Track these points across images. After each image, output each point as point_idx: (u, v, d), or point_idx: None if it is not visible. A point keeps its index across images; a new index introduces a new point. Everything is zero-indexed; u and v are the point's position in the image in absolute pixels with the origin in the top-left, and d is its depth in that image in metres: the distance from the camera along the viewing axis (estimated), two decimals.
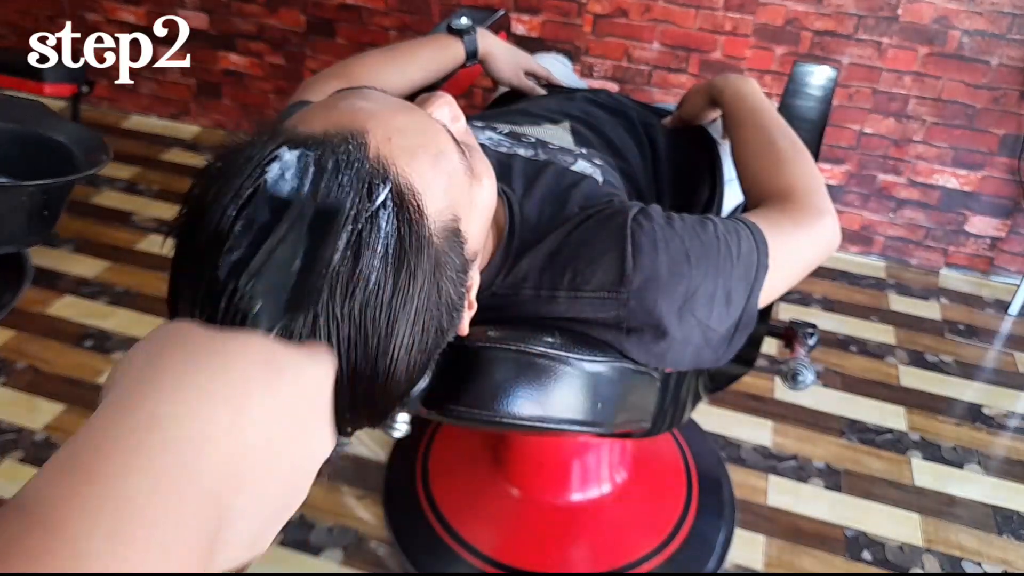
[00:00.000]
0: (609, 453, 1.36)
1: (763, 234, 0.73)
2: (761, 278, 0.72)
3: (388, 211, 0.46)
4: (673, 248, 0.68)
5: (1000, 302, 2.05)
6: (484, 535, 1.33)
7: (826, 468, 1.54)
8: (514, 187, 0.77)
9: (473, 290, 0.59)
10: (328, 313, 0.44)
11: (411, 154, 0.50)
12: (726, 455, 1.55)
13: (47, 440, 1.50)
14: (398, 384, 0.50)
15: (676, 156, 1.06)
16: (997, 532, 1.43)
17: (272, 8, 2.32)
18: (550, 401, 0.70)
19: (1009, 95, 1.90)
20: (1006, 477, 1.55)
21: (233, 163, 0.47)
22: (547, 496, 1.36)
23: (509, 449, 1.38)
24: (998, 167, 2.00)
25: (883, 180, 2.10)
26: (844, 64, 1.96)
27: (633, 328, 0.69)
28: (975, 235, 2.11)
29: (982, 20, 1.83)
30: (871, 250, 2.21)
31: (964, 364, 1.84)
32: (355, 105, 0.52)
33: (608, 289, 0.68)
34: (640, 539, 1.33)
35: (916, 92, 1.96)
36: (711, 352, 0.73)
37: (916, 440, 1.62)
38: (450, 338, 0.56)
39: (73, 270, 1.96)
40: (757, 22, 1.97)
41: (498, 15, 1.37)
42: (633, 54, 2.10)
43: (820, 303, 2.01)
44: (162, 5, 2.41)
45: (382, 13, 2.24)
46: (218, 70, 2.51)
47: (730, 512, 1.42)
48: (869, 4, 1.88)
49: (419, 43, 1.09)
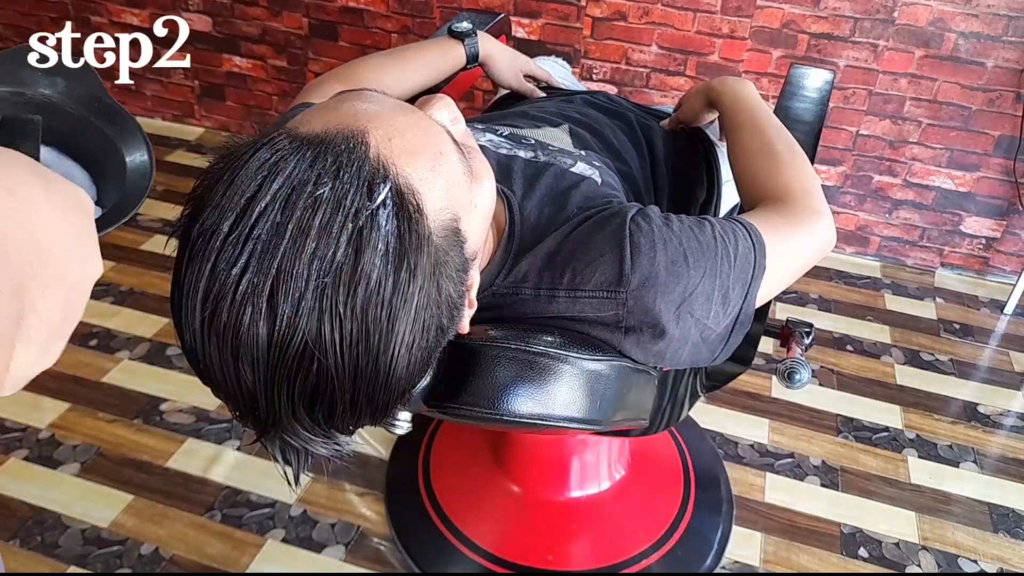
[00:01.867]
0: (608, 451, 1.37)
1: (760, 235, 0.74)
2: (758, 278, 0.73)
3: (388, 210, 0.47)
4: (671, 249, 0.69)
5: (995, 302, 2.06)
6: (484, 531, 1.34)
7: (823, 466, 1.55)
8: (514, 188, 0.78)
9: (473, 289, 0.60)
10: (331, 310, 0.45)
11: (411, 155, 0.51)
12: (723, 453, 1.56)
13: (52, 438, 1.52)
14: (399, 381, 0.51)
15: (674, 158, 1.07)
16: (992, 530, 1.45)
17: (275, 11, 2.34)
18: (549, 399, 0.71)
19: (1004, 97, 1.91)
20: (1001, 475, 1.56)
21: (236, 164, 0.48)
22: (546, 493, 1.38)
23: (509, 447, 1.39)
24: (993, 168, 2.01)
25: (879, 181, 2.11)
26: (840, 66, 1.98)
27: (631, 327, 0.70)
28: (971, 235, 2.12)
29: (978, 22, 1.84)
30: (867, 250, 2.22)
31: (960, 363, 1.85)
32: (356, 107, 0.53)
33: (607, 289, 0.69)
34: (638, 536, 1.34)
35: (912, 94, 1.97)
36: (708, 351, 0.74)
37: (912, 438, 1.63)
38: (451, 336, 0.57)
39: None
40: (754, 25, 1.99)
41: (498, 18, 1.38)
42: (631, 57, 2.12)
43: (816, 302, 2.03)
44: (165, 8, 2.43)
45: (384, 16, 2.25)
46: (222, 72, 2.52)
47: (727, 509, 1.43)
48: (865, 7, 1.89)
49: (421, 46, 1.10)
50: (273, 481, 1.45)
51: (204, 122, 2.66)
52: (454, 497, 1.40)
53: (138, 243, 2.09)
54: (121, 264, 2.00)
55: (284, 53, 2.41)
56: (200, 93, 2.60)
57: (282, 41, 2.39)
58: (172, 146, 2.56)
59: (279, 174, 0.46)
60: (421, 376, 0.55)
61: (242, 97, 2.55)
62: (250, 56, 2.45)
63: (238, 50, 2.45)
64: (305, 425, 0.50)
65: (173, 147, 2.56)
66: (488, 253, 0.72)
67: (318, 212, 0.45)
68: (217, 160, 0.50)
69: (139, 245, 2.08)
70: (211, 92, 2.58)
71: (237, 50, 2.46)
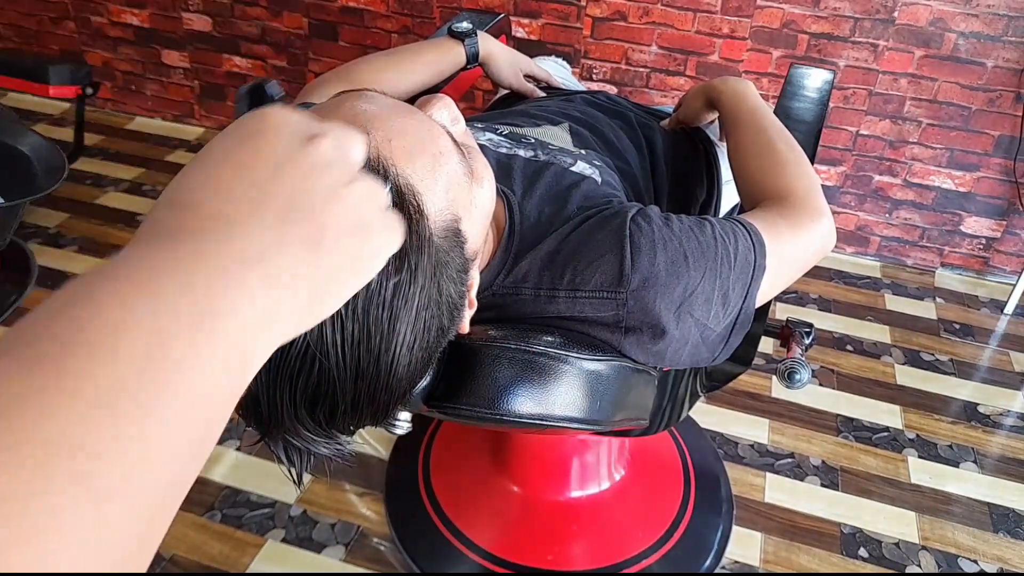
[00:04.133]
0: (608, 451, 1.37)
1: (760, 235, 0.74)
2: (758, 278, 0.73)
3: None
4: (671, 249, 0.69)
5: (995, 302, 2.06)
6: (484, 532, 1.34)
7: (822, 466, 1.55)
8: (514, 187, 0.78)
9: (473, 289, 0.60)
10: None
11: (411, 155, 0.51)
12: (723, 453, 1.56)
13: None
14: (400, 381, 0.51)
15: (674, 157, 1.07)
16: (993, 530, 1.45)
17: (275, 11, 2.34)
18: (550, 399, 0.71)
19: (1004, 96, 1.91)
20: (1001, 475, 1.56)
21: None
22: (546, 493, 1.38)
23: (509, 446, 1.39)
24: (993, 168, 2.01)
25: (879, 181, 2.11)
26: (840, 66, 1.98)
27: (631, 327, 0.70)
28: (970, 235, 2.12)
29: (978, 22, 1.84)
30: (867, 250, 2.22)
31: (960, 363, 1.85)
32: (356, 107, 0.53)
33: (607, 289, 0.69)
34: (638, 536, 1.34)
35: (912, 94, 1.97)
36: (708, 351, 0.74)
37: (912, 438, 1.63)
38: (451, 337, 0.57)
39: (78, 270, 1.97)
40: (754, 25, 1.99)
41: (498, 18, 1.38)
42: (631, 57, 2.12)
43: (816, 303, 2.03)
44: (165, 7, 2.43)
45: (384, 16, 2.25)
46: (222, 72, 2.52)
47: (727, 509, 1.43)
48: (865, 7, 1.89)
49: (421, 46, 1.10)
50: (273, 481, 1.45)
51: (204, 122, 2.67)
52: (454, 497, 1.40)
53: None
54: None
55: (284, 53, 2.41)
56: (200, 93, 2.60)
57: (282, 41, 2.39)
58: (172, 146, 2.56)
59: None
60: (422, 376, 0.55)
61: None
62: (250, 56, 2.45)
63: (238, 50, 2.45)
64: (307, 426, 0.50)
65: (173, 147, 2.56)
66: (488, 253, 0.72)
67: None
68: None
69: None
70: (211, 92, 2.58)
71: (237, 50, 2.46)
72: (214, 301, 0.27)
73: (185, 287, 0.26)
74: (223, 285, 0.27)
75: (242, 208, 0.30)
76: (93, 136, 2.56)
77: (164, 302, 0.26)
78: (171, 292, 0.26)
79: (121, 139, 2.58)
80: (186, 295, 0.26)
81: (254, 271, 0.28)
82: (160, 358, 0.25)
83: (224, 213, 0.29)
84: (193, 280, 0.27)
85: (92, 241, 2.08)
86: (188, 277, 0.27)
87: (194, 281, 0.27)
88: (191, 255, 0.28)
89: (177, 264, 0.27)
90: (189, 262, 0.27)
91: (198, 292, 0.27)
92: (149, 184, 2.35)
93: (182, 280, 0.27)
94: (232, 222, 0.29)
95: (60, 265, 1.98)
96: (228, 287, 0.27)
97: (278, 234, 0.30)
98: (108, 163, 2.45)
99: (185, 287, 0.26)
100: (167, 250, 0.28)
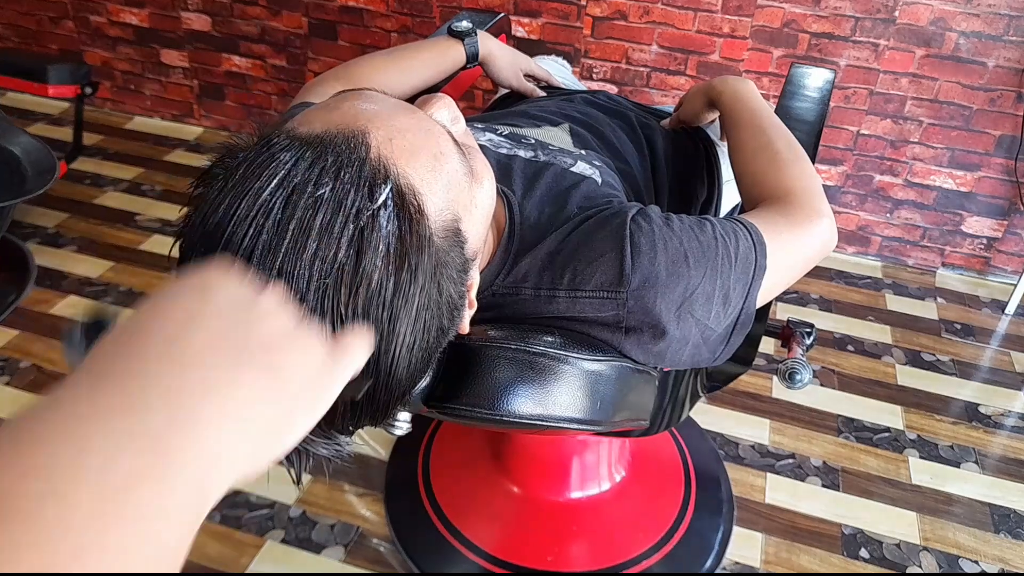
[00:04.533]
0: (608, 451, 1.37)
1: (761, 235, 0.74)
2: (759, 278, 0.73)
3: (389, 211, 0.47)
4: (671, 249, 0.69)
5: (996, 302, 2.06)
6: (484, 532, 1.34)
7: (823, 466, 1.55)
8: (514, 188, 0.78)
9: (473, 289, 0.60)
10: (332, 311, 0.45)
11: (411, 155, 0.51)
12: (724, 453, 1.56)
13: None
14: (399, 382, 0.51)
15: (674, 157, 1.07)
16: (994, 530, 1.44)
17: (274, 11, 2.34)
18: (550, 400, 0.70)
19: (1005, 96, 1.91)
20: (1002, 475, 1.56)
21: (235, 164, 0.48)
22: (547, 494, 1.37)
23: (509, 447, 1.39)
24: (994, 168, 2.01)
25: (880, 181, 2.11)
26: (841, 66, 1.97)
27: (631, 328, 0.69)
28: (972, 235, 2.12)
29: (979, 22, 1.84)
30: (868, 250, 2.22)
31: (961, 363, 1.85)
32: (356, 106, 0.53)
33: (607, 289, 0.68)
34: (639, 536, 1.34)
35: (913, 93, 1.97)
36: (709, 351, 0.74)
37: (913, 439, 1.63)
38: (451, 337, 0.56)
39: (77, 270, 1.97)
40: (755, 24, 1.98)
41: (498, 18, 1.38)
42: (632, 56, 2.11)
43: (817, 303, 2.02)
44: (165, 7, 2.43)
45: (383, 16, 2.25)
46: (221, 72, 2.52)
47: (728, 510, 1.43)
48: (866, 6, 1.89)
49: (420, 45, 1.10)
50: (273, 482, 1.44)
51: (203, 122, 2.66)
52: (454, 498, 1.39)
53: (137, 243, 2.08)
54: (120, 264, 2.00)
55: (283, 52, 2.41)
56: (199, 93, 2.59)
57: (281, 41, 2.39)
58: (171, 146, 2.56)
59: (279, 174, 0.46)
60: (421, 377, 0.54)
61: (241, 97, 2.55)
62: (249, 56, 2.45)
63: (237, 49, 2.45)
64: None
65: (172, 147, 2.55)
66: (488, 253, 0.72)
67: (319, 213, 0.45)
68: (217, 160, 0.49)
69: (138, 245, 2.08)
70: (210, 92, 2.58)
71: (236, 50, 2.45)
72: (169, 441, 0.27)
73: (135, 432, 0.27)
74: (179, 424, 0.28)
75: (193, 350, 0.31)
76: (92, 136, 2.55)
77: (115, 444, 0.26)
78: (121, 435, 0.27)
79: (120, 139, 2.58)
80: (137, 439, 0.27)
81: (210, 405, 0.29)
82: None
83: (173, 356, 0.30)
84: (146, 421, 0.27)
85: (91, 241, 2.08)
86: (141, 415, 0.27)
87: (148, 421, 0.27)
88: (140, 391, 0.28)
89: (128, 404, 0.28)
90: (139, 399, 0.28)
91: (152, 434, 0.27)
92: (148, 184, 2.35)
93: (134, 422, 0.27)
94: (184, 364, 0.30)
95: (59, 265, 1.98)
96: (184, 424, 0.28)
97: (232, 373, 0.31)
98: (107, 163, 2.44)
99: (135, 432, 0.27)
100: (115, 390, 0.28)
